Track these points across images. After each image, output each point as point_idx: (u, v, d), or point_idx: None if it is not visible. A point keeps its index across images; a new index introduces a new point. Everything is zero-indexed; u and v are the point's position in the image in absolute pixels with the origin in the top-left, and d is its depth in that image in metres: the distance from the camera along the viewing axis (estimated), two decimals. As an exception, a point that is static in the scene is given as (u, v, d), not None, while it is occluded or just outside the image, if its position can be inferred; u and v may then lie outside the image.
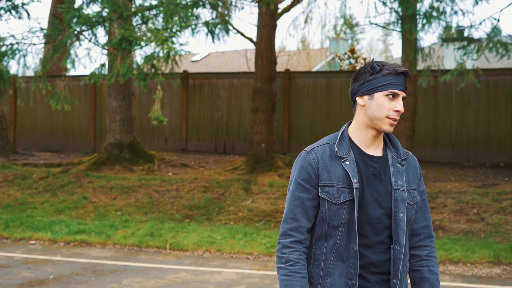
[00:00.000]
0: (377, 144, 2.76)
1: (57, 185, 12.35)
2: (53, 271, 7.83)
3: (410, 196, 2.74)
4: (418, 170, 2.83)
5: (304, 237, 2.71)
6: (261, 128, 13.01)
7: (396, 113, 2.68)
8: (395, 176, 2.72)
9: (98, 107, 16.77)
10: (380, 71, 2.71)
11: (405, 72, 2.72)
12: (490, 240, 9.00)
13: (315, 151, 2.74)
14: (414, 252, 2.82)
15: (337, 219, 2.66)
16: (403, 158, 2.78)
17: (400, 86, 2.68)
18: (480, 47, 9.74)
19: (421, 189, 2.83)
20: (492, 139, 13.90)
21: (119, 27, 10.75)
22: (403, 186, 2.70)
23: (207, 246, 9.12)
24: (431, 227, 2.85)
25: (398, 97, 2.69)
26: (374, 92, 2.71)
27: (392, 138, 2.82)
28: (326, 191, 2.67)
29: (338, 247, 2.67)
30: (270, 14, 13.00)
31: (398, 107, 2.68)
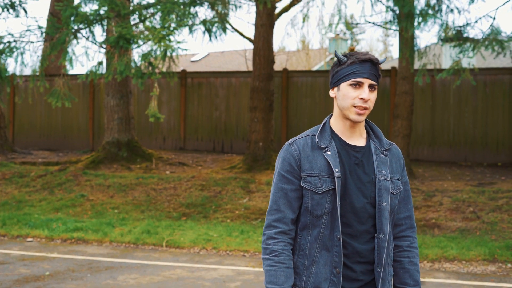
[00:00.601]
0: (358, 134, 2.78)
1: (54, 183, 12.38)
2: (49, 268, 7.85)
3: (394, 186, 2.76)
4: (401, 161, 2.85)
5: (289, 228, 2.73)
6: (259, 127, 13.03)
7: (361, 101, 2.68)
8: (379, 166, 2.74)
9: (96, 106, 16.80)
10: (346, 62, 2.74)
11: (370, 59, 2.71)
12: (486, 238, 9.02)
13: (296, 143, 2.77)
14: (395, 243, 2.84)
15: (320, 209, 2.68)
16: (387, 149, 2.80)
17: (364, 74, 2.69)
18: (476, 45, 9.75)
19: (404, 179, 2.85)
20: (489, 139, 13.92)
21: (117, 25, 10.77)
22: (386, 176, 2.73)
23: (203, 244, 9.14)
24: (413, 218, 2.88)
25: (363, 85, 2.69)
26: (340, 83, 2.74)
27: (375, 129, 2.84)
28: (308, 181, 2.70)
29: (322, 236, 2.69)
30: (268, 13, 13.02)
31: (363, 94, 2.67)
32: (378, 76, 2.75)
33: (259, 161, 12.85)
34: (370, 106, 2.70)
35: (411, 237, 2.86)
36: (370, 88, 2.71)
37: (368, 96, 2.69)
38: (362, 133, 2.80)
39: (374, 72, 2.72)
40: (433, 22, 9.83)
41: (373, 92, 2.72)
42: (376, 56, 2.86)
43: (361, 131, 2.79)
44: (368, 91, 2.70)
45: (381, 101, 14.57)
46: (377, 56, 2.70)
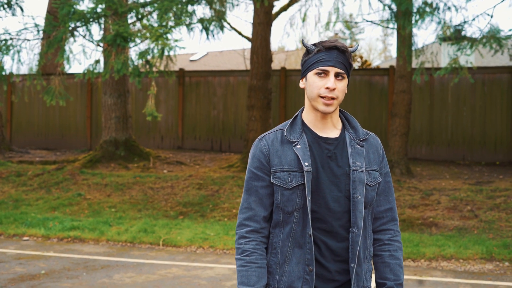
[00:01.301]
0: (331, 125, 2.68)
1: (51, 182, 12.34)
2: (45, 267, 7.82)
3: (370, 177, 2.66)
4: (380, 151, 2.74)
5: (261, 226, 2.64)
6: (256, 126, 13.00)
7: (327, 91, 2.56)
8: (353, 157, 2.63)
9: (94, 105, 16.77)
10: (313, 51, 2.63)
11: (336, 47, 2.58)
12: (483, 237, 8.99)
13: (266, 138, 2.69)
14: (376, 236, 2.74)
15: (291, 205, 2.60)
16: (363, 139, 2.69)
17: (329, 62, 2.57)
18: (474, 43, 9.71)
19: (385, 170, 2.74)
20: (487, 137, 13.89)
21: (114, 23, 10.73)
22: (361, 167, 2.62)
23: (200, 242, 9.10)
24: (395, 210, 2.77)
25: (328, 73, 2.57)
26: (307, 72, 2.64)
27: (350, 119, 2.75)
28: (278, 176, 2.61)
29: (294, 233, 2.60)
30: (265, 11, 12.99)
31: (328, 83, 2.55)
32: (348, 65, 2.61)
33: (257, 160, 12.80)
34: (338, 95, 2.58)
35: (392, 230, 2.75)
36: (337, 77, 2.58)
37: (334, 85, 2.56)
38: (336, 124, 2.70)
39: (341, 60, 2.59)
40: (431, 20, 9.79)
41: (341, 81, 2.59)
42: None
43: (334, 122, 2.69)
44: (335, 80, 2.57)
45: (379, 99, 14.55)
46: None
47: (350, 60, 2.62)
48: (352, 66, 2.65)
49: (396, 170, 11.96)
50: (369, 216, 2.68)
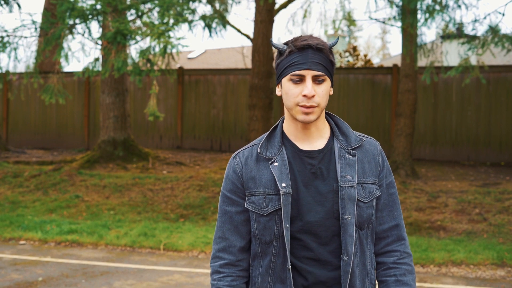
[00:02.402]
0: (317, 135, 2.28)
1: (49, 183, 12.07)
2: (42, 273, 7.56)
3: (365, 192, 2.24)
4: (378, 159, 2.32)
5: (236, 258, 2.29)
6: (258, 125, 12.75)
7: (305, 98, 2.17)
8: (342, 170, 2.23)
9: (92, 104, 16.49)
10: (284, 52, 2.23)
11: (309, 45, 2.19)
12: (493, 241, 8.76)
13: (240, 155, 2.32)
14: (380, 259, 2.32)
15: (268, 233, 2.23)
16: (355, 146, 2.28)
17: (303, 65, 2.16)
18: (486, 42, 9.46)
19: (387, 181, 2.33)
20: (492, 137, 13.67)
21: (113, 20, 10.47)
22: (352, 181, 2.21)
23: (202, 247, 8.85)
24: (401, 227, 2.34)
25: (304, 78, 2.17)
26: (281, 78, 2.25)
27: (340, 124, 2.35)
28: (252, 201, 2.25)
29: (274, 266, 2.25)
30: (267, 9, 12.74)
31: (305, 90, 2.16)
32: (328, 64, 2.20)
33: (258, 160, 12.56)
34: (320, 102, 2.18)
35: (399, 252, 2.31)
36: (316, 81, 2.18)
37: (312, 91, 2.16)
38: (323, 133, 2.30)
39: (318, 59, 2.18)
40: (441, 19, 9.53)
41: (320, 85, 2.19)
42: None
43: (320, 131, 2.29)
44: (313, 84, 2.17)
45: (382, 99, 14.31)
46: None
47: (330, 57, 2.21)
48: (334, 64, 2.24)
49: (401, 172, 11.72)
50: (369, 237, 2.29)
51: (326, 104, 2.23)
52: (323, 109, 2.23)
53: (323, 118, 2.30)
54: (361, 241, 2.24)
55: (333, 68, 2.24)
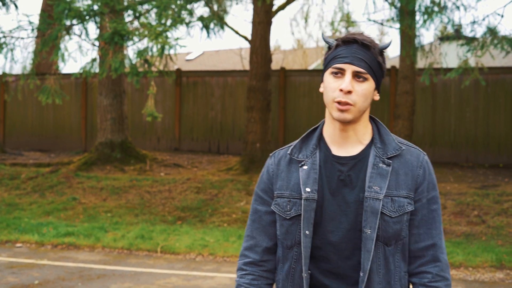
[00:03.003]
0: (355, 139, 2.17)
1: (45, 185, 12.01)
2: (39, 276, 7.50)
3: (393, 206, 2.09)
4: (417, 171, 2.16)
5: (261, 258, 2.24)
6: (256, 127, 12.70)
7: (341, 94, 2.06)
8: (372, 180, 2.10)
9: (89, 106, 16.43)
10: (332, 46, 2.15)
11: (355, 40, 2.09)
12: (492, 243, 8.72)
13: (275, 155, 2.28)
14: (413, 280, 2.17)
15: (290, 238, 2.17)
16: (391, 156, 2.14)
17: (345, 58, 2.07)
18: (485, 44, 9.42)
19: (429, 196, 2.15)
20: (491, 139, 13.63)
21: (111, 21, 10.43)
22: (378, 193, 2.07)
23: (199, 250, 8.80)
24: (439, 248, 2.14)
25: (344, 72, 2.07)
26: (323, 72, 2.16)
27: (382, 130, 2.21)
28: (278, 203, 2.20)
29: (293, 273, 2.18)
30: (265, 10, 12.70)
31: (342, 84, 2.05)
32: (373, 63, 2.09)
33: (256, 162, 12.51)
34: (356, 101, 2.06)
35: (431, 274, 2.13)
36: (357, 78, 2.08)
37: (349, 87, 2.05)
38: (362, 138, 2.18)
39: (363, 56, 2.08)
40: (440, 20, 9.50)
41: (361, 83, 2.08)
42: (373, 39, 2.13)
43: (359, 136, 2.17)
44: (353, 80, 2.07)
45: (380, 101, 14.25)
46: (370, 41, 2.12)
47: (378, 58, 2.10)
48: (383, 66, 2.12)
49: (400, 173, 11.67)
50: (398, 255, 2.13)
51: (366, 106, 2.12)
52: (362, 111, 2.11)
53: (365, 122, 2.18)
54: (386, 257, 2.10)
55: (380, 71, 2.13)
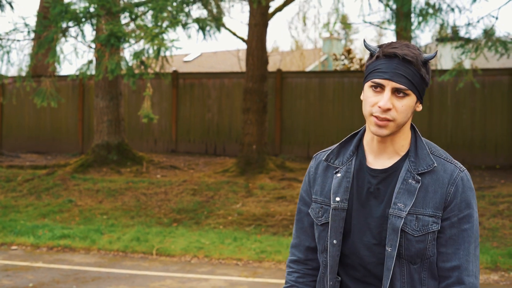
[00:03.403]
0: (392, 151, 2.12)
1: (42, 187, 12.00)
2: (33, 279, 7.49)
3: (417, 225, 2.03)
4: (449, 188, 2.06)
5: (305, 257, 2.29)
6: (252, 129, 12.70)
7: (379, 110, 2.01)
8: (399, 196, 2.05)
9: (86, 108, 16.43)
10: (374, 55, 2.11)
11: (395, 54, 2.03)
12: (487, 245, 8.71)
13: (316, 157, 2.28)
14: None
15: (321, 243, 2.20)
16: (422, 172, 2.07)
17: (385, 74, 2.01)
18: (479, 46, 9.43)
19: (460, 215, 2.05)
20: (488, 141, 13.64)
21: (107, 23, 10.43)
22: (402, 210, 2.03)
23: (195, 252, 8.79)
24: (464, 270, 2.05)
25: (384, 88, 2.03)
26: (364, 82, 2.13)
27: (419, 145, 2.14)
28: (312, 207, 2.23)
29: (323, 278, 2.22)
30: (262, 12, 12.70)
31: (381, 101, 2.01)
32: (415, 78, 2.03)
33: (253, 164, 12.51)
34: (396, 117, 2.01)
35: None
36: (397, 93, 2.03)
37: (388, 105, 2.01)
38: (399, 149, 2.13)
39: (403, 72, 2.02)
40: (434, 22, 9.50)
41: (401, 99, 2.02)
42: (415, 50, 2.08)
43: (396, 147, 2.12)
44: (392, 96, 2.02)
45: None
46: (412, 56, 2.03)
47: (421, 71, 2.04)
48: (426, 77, 2.06)
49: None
50: (424, 273, 2.08)
51: (405, 120, 2.07)
52: (401, 125, 2.06)
53: (404, 134, 2.12)
54: (411, 275, 2.06)
55: (423, 83, 2.07)
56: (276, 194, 11.05)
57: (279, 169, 12.66)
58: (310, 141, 14.74)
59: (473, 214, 2.08)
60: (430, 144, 2.17)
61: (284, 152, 14.75)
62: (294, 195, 10.93)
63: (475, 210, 2.09)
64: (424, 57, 2.07)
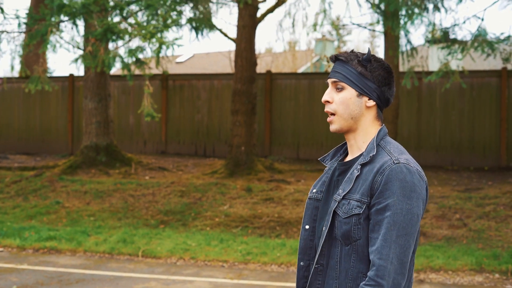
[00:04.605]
0: (353, 149, 2.37)
1: (29, 189, 11.97)
2: (17, 281, 7.47)
3: (347, 207, 2.22)
4: (377, 177, 2.20)
5: None
6: (241, 131, 12.70)
7: (326, 106, 2.38)
8: (342, 184, 2.30)
9: (76, 109, 16.39)
10: None
11: (335, 57, 2.37)
12: (473, 247, 8.74)
13: (323, 160, 2.59)
14: None
15: None
16: (363, 162, 2.26)
17: (329, 74, 2.38)
18: (465, 47, 9.44)
19: (382, 203, 2.17)
20: (476, 142, 13.67)
21: (99, 19, 10.42)
22: (339, 195, 2.26)
23: (181, 254, 8.78)
24: (378, 252, 2.16)
25: (329, 86, 2.40)
26: None
27: (373, 141, 2.33)
28: None
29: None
30: (250, 14, 12.70)
31: (324, 97, 2.38)
32: (349, 73, 2.30)
33: (241, 166, 12.51)
34: (336, 109, 2.31)
35: (366, 277, 2.21)
36: (336, 89, 2.35)
37: (325, 97, 2.36)
38: (361, 146, 2.35)
39: (339, 69, 2.34)
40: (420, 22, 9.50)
41: (339, 92, 2.33)
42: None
43: (359, 144, 2.35)
44: (333, 92, 2.35)
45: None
46: (346, 56, 2.37)
47: (355, 67, 2.30)
48: (365, 73, 2.30)
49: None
50: (354, 255, 2.23)
51: (350, 114, 2.31)
52: (348, 118, 2.30)
53: (364, 131, 2.34)
54: (343, 256, 2.25)
55: (363, 78, 2.30)
56: (264, 195, 11.05)
57: (268, 170, 12.66)
58: (300, 142, 14.75)
59: (398, 204, 2.16)
60: (387, 141, 2.31)
61: (274, 154, 14.75)
62: (282, 196, 10.93)
63: (406, 203, 2.17)
64: (363, 58, 2.32)
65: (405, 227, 2.17)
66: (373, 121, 2.33)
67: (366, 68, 2.31)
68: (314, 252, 2.36)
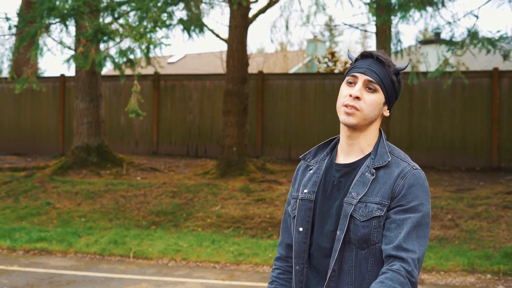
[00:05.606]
0: (358, 149, 2.31)
1: (20, 190, 11.89)
2: (7, 282, 7.42)
3: (364, 210, 2.18)
4: (397, 181, 2.20)
5: (286, 254, 2.46)
6: (233, 131, 12.67)
7: (350, 99, 2.23)
8: (354, 187, 2.23)
9: (67, 109, 16.31)
10: (353, 60, 2.36)
11: (371, 54, 2.27)
12: (465, 247, 8.74)
13: (304, 157, 2.48)
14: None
15: (293, 235, 2.42)
16: (378, 167, 2.23)
17: (361, 69, 2.24)
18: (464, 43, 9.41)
19: (405, 206, 2.18)
20: (468, 143, 13.69)
21: (90, 20, 10.38)
22: (354, 198, 2.20)
23: (172, 255, 8.75)
24: (402, 249, 2.13)
25: (356, 80, 2.26)
26: (342, 83, 2.35)
27: (381, 145, 2.31)
28: (291, 203, 2.43)
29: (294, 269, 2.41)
30: (242, 14, 12.67)
31: (352, 91, 2.22)
32: (384, 78, 2.25)
33: (233, 166, 12.48)
34: (363, 107, 2.22)
35: (393, 257, 2.15)
36: (368, 89, 2.24)
37: (357, 93, 2.22)
38: (365, 149, 2.31)
39: (376, 69, 2.25)
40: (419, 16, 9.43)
41: (370, 93, 2.24)
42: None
43: (362, 146, 2.30)
44: (363, 89, 2.24)
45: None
46: (384, 58, 2.32)
47: (392, 76, 2.27)
48: (396, 85, 2.29)
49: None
50: (371, 259, 2.20)
51: (372, 117, 2.27)
52: (367, 119, 2.26)
53: (370, 134, 2.32)
54: (359, 261, 2.21)
55: (392, 88, 2.28)
56: (256, 196, 11.02)
57: (260, 171, 12.64)
58: (292, 143, 14.73)
59: (421, 208, 2.18)
60: (392, 147, 2.33)
61: (266, 154, 14.73)
62: (273, 197, 10.91)
63: (426, 206, 2.20)
64: (396, 67, 2.30)
65: (423, 229, 2.19)
66: (378, 125, 2.35)
67: (397, 78, 2.31)
68: (307, 255, 2.30)
